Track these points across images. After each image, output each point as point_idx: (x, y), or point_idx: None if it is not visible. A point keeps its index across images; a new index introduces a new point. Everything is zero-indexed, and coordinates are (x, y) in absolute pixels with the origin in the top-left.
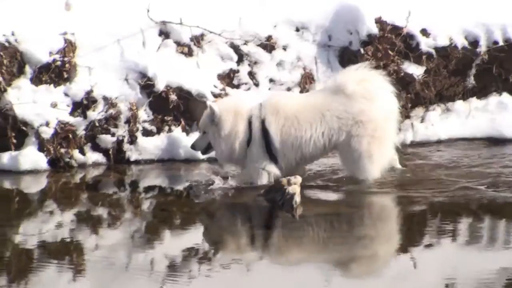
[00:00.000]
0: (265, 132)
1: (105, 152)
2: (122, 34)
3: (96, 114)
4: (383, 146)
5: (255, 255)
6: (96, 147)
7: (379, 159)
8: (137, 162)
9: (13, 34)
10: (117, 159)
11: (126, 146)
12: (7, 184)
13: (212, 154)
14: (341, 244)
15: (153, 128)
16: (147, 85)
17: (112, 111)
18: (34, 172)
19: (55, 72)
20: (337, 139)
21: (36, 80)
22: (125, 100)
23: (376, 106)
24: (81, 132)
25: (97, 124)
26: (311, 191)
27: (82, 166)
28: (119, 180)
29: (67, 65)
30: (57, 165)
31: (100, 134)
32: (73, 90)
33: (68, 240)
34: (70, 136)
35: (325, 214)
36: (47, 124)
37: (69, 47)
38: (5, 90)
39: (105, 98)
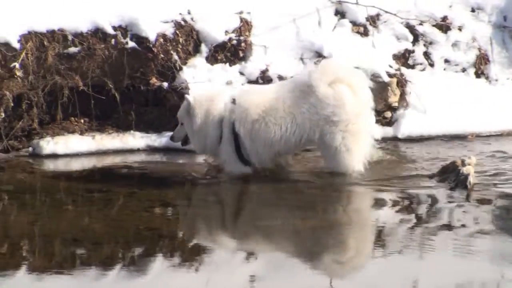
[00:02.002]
0: (235, 134)
1: None
2: (298, 13)
3: None
4: (359, 139)
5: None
6: None
7: (357, 152)
8: None
9: (189, 13)
10: None
11: None
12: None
13: None
14: None
15: None
16: None
17: None
18: None
19: (231, 51)
20: (310, 137)
21: (212, 58)
22: None
23: (348, 107)
24: None
25: None
26: None
27: None
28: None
29: (242, 44)
30: None
31: None
32: (248, 69)
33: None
34: None
35: None
36: None
37: (245, 26)
38: (181, 69)
39: (280, 77)
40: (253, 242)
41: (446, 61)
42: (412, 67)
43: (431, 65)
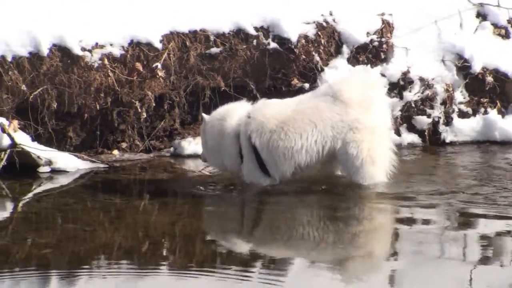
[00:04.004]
0: (254, 147)
1: (420, 133)
2: (439, 15)
3: (412, 95)
4: (383, 150)
5: None
6: (411, 128)
7: (382, 162)
8: (452, 143)
9: (331, 14)
10: (432, 140)
11: (441, 128)
12: None
13: None
14: None
15: (469, 110)
16: (463, 66)
17: (428, 92)
18: None
19: (372, 53)
20: (332, 147)
21: (353, 60)
22: (441, 81)
23: (372, 114)
24: (397, 112)
25: (413, 105)
26: None
27: (398, 146)
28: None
29: (384, 46)
30: None
31: (416, 115)
32: (389, 70)
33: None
34: None
35: None
36: None
37: (387, 28)
38: (322, 70)
39: (421, 79)
40: (391, 241)
41: None
42: None
43: None
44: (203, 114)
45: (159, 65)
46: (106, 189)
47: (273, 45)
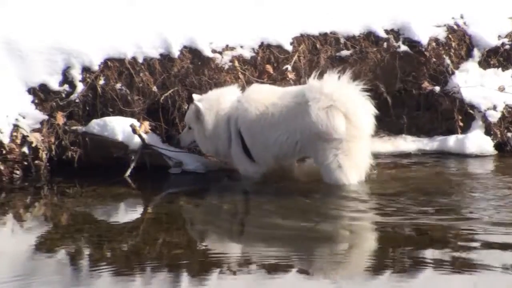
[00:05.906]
0: (239, 131)
1: None
2: None
3: None
4: (352, 157)
5: None
6: None
7: (349, 168)
8: None
9: (461, 17)
10: None
11: None
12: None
13: None
14: None
15: None
16: None
17: None
18: (480, 156)
19: (503, 56)
20: (302, 147)
21: (484, 63)
22: None
23: (340, 132)
24: None
25: None
26: None
27: None
28: None
29: None
30: (503, 149)
31: None
32: None
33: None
34: None
35: None
36: (494, 107)
37: None
38: (453, 73)
39: None
40: None
41: None
42: None
43: None
44: (195, 100)
45: (289, 67)
46: (235, 191)
47: (403, 48)
